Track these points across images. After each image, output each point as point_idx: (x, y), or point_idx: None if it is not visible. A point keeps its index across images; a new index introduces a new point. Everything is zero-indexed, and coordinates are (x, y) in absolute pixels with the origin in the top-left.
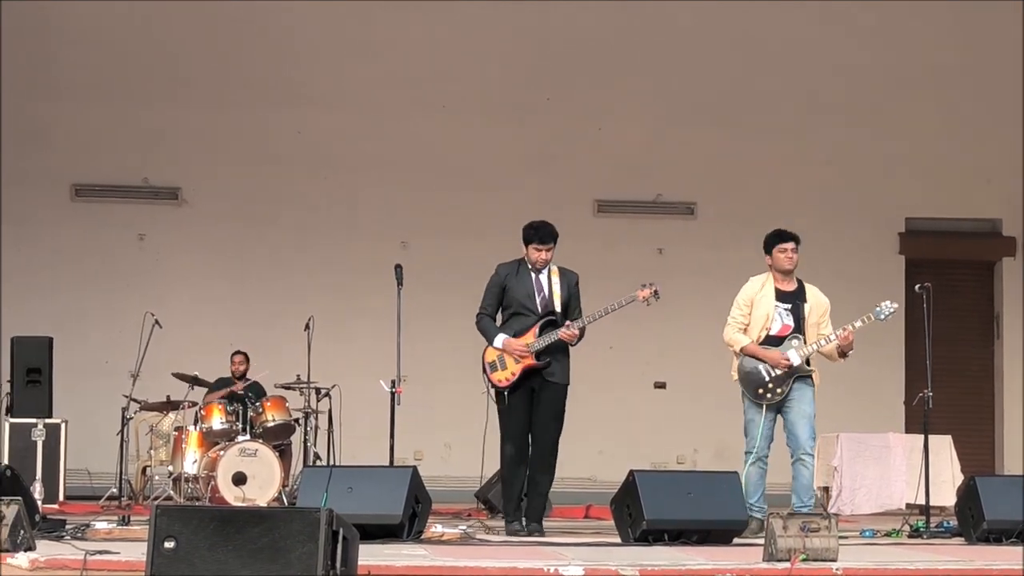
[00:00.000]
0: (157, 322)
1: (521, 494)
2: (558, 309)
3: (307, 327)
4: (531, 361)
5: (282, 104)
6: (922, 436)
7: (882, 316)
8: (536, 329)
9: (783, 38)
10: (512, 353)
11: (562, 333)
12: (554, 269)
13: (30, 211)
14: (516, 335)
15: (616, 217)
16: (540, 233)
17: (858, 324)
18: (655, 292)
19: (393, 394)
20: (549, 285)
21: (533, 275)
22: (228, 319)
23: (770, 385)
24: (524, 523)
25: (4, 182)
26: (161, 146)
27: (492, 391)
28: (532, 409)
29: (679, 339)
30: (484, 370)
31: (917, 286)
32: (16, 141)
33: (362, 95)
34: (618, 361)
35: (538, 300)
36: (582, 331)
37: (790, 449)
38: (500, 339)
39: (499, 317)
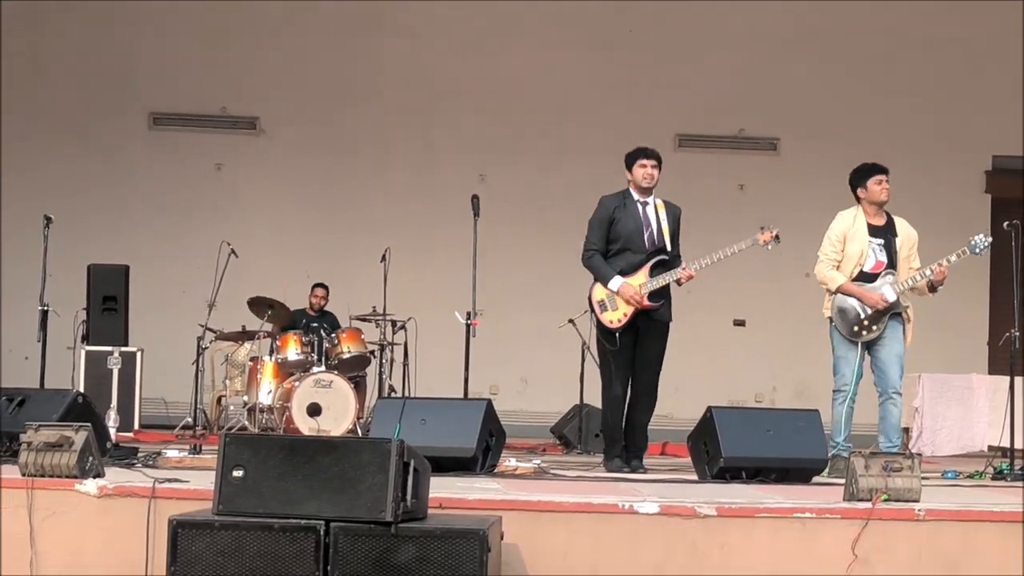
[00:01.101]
0: (233, 251)
1: (621, 433)
2: (668, 245)
3: (383, 259)
4: (645, 303)
5: (361, 34)
6: (1006, 378)
7: (977, 250)
8: (647, 268)
9: None
10: (629, 299)
11: (683, 275)
12: (659, 203)
13: (109, 140)
14: (623, 272)
15: (698, 152)
16: (645, 149)
17: (953, 259)
18: (776, 236)
19: (468, 326)
20: (657, 219)
21: (641, 208)
22: (304, 249)
23: (866, 322)
24: (626, 460)
25: (83, 111)
26: (240, 75)
27: (598, 329)
28: (635, 348)
29: (759, 276)
30: (592, 309)
31: (1005, 224)
32: (95, 70)
33: (443, 26)
34: (697, 298)
35: (646, 236)
36: None
37: (878, 388)
38: (616, 282)
39: None
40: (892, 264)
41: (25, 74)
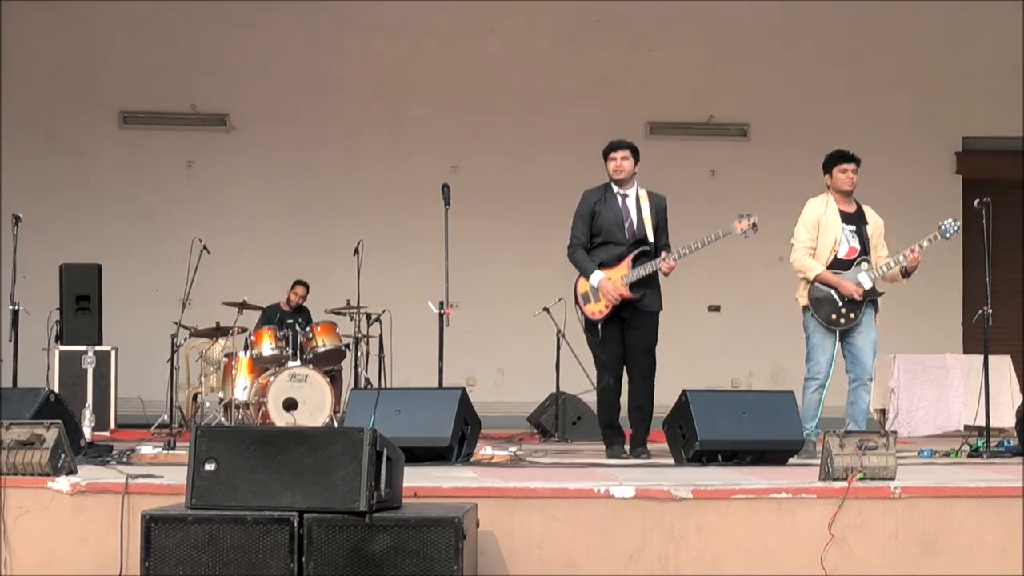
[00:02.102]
0: (205, 248)
1: (617, 422)
2: (649, 236)
3: (356, 251)
4: (626, 294)
5: (330, 29)
6: (980, 357)
7: (947, 235)
8: (629, 260)
9: None
10: (608, 295)
11: (663, 267)
12: (643, 193)
13: (78, 139)
14: (605, 264)
15: (668, 139)
16: (613, 143)
17: (924, 244)
18: (753, 224)
19: (442, 315)
20: (638, 211)
21: (620, 200)
22: (277, 244)
23: (843, 310)
24: (628, 448)
25: (52, 110)
26: (209, 72)
27: (583, 322)
28: (624, 337)
29: (733, 262)
30: (576, 301)
31: (976, 201)
32: (64, 68)
33: (412, 18)
34: (672, 284)
35: (625, 228)
36: None
37: (851, 374)
38: (596, 277)
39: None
40: (865, 251)
41: None
